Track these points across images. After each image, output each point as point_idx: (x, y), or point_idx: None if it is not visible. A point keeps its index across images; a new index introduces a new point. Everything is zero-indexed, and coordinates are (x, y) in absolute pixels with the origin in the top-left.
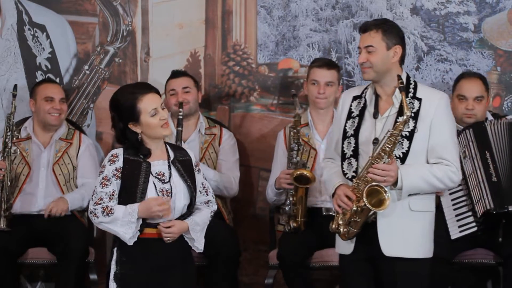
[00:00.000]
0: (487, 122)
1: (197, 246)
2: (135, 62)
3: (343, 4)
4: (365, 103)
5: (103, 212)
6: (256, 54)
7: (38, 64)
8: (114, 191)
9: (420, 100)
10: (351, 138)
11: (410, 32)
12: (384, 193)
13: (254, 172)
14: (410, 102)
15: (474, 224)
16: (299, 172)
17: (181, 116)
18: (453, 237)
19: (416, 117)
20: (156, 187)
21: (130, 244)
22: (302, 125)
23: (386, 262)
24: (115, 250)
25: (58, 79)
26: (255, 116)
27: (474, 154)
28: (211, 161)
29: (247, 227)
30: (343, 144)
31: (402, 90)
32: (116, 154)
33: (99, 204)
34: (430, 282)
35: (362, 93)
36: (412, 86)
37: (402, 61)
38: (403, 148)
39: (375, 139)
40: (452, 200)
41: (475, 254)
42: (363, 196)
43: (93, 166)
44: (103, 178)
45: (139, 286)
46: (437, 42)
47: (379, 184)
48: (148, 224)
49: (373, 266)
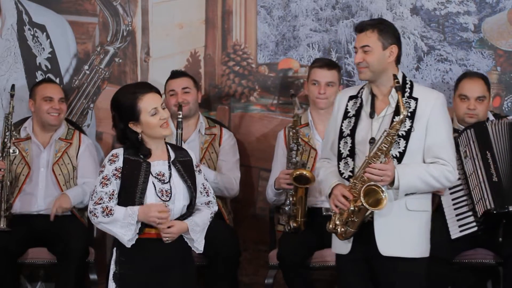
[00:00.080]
0: (488, 122)
1: (196, 247)
2: (135, 62)
3: (343, 4)
4: (361, 103)
5: (103, 212)
6: (256, 54)
7: (38, 64)
8: (114, 191)
9: (416, 99)
10: (348, 138)
11: (410, 32)
12: (381, 192)
13: (254, 172)
14: (406, 102)
15: (475, 224)
16: (299, 172)
17: (180, 118)
18: (453, 236)
19: (412, 116)
20: (155, 188)
21: (128, 246)
22: (302, 125)
23: (383, 262)
24: (115, 250)
25: (58, 79)
26: (255, 116)
27: (475, 154)
28: (211, 161)
29: (247, 227)
30: (340, 144)
31: (398, 89)
32: (116, 154)
33: (99, 204)
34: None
35: (358, 93)
36: (408, 86)
37: (398, 60)
38: (400, 147)
39: (372, 139)
40: (452, 199)
41: (475, 254)
42: (361, 195)
43: (93, 166)
44: (103, 178)
45: (139, 286)
46: (437, 42)
47: (376, 183)
48: (147, 224)
49: (369, 266)
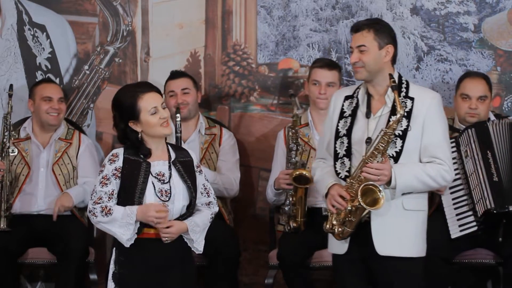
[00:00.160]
0: (489, 122)
1: (196, 247)
2: (135, 62)
3: (343, 4)
4: (357, 103)
5: (102, 211)
6: (256, 54)
7: (38, 64)
8: (113, 191)
9: (412, 99)
10: (344, 138)
11: (410, 32)
12: (378, 192)
13: (254, 172)
14: (402, 102)
15: (475, 223)
16: (298, 172)
17: (179, 121)
18: (453, 236)
19: (409, 116)
20: (155, 187)
21: (127, 246)
22: (302, 125)
23: (380, 262)
24: (114, 250)
25: (58, 79)
26: (255, 116)
27: (475, 153)
28: (211, 161)
29: (247, 227)
30: (336, 144)
31: (395, 89)
32: (116, 153)
33: (98, 203)
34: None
35: (354, 93)
36: (404, 86)
37: (394, 60)
38: (396, 147)
39: (368, 139)
40: (453, 199)
41: (475, 254)
42: (358, 195)
43: (93, 165)
44: (103, 178)
45: (138, 286)
46: (437, 42)
47: (373, 183)
48: (146, 224)
49: (366, 265)
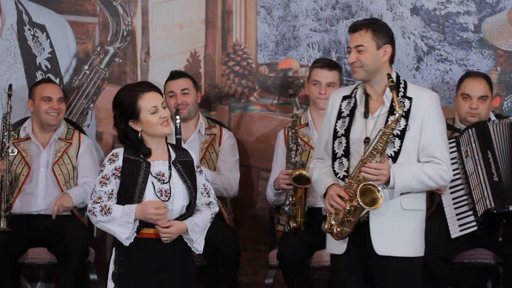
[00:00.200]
0: (490, 122)
1: (196, 247)
2: (135, 62)
3: (343, 4)
4: (355, 103)
5: (101, 211)
6: (256, 54)
7: (38, 64)
8: (113, 190)
9: (410, 99)
10: (342, 137)
11: (410, 32)
12: (377, 192)
13: (254, 172)
14: (400, 101)
15: (475, 223)
16: (298, 172)
17: (178, 122)
18: (453, 236)
19: (407, 116)
20: (154, 187)
21: (126, 244)
22: (302, 125)
23: (379, 261)
24: (114, 250)
25: (58, 79)
26: (255, 116)
27: (476, 153)
28: (211, 161)
29: (247, 227)
30: (334, 144)
31: (393, 88)
32: (116, 153)
33: (98, 203)
34: (430, 282)
35: (352, 93)
36: (402, 85)
37: (392, 60)
38: (395, 147)
39: (367, 139)
40: (453, 199)
41: (475, 254)
42: (357, 195)
43: (93, 165)
44: (103, 177)
45: (137, 285)
46: (437, 42)
47: (372, 183)
48: (145, 224)
49: (365, 265)
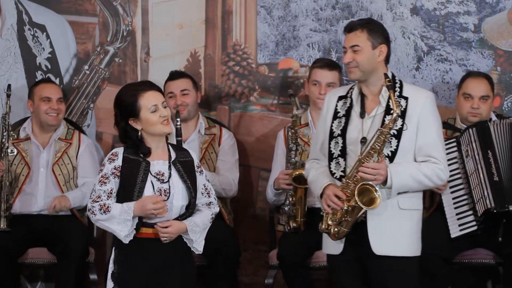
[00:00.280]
0: (491, 122)
1: (196, 248)
2: (135, 62)
3: (343, 4)
4: (351, 103)
5: (100, 209)
6: (256, 54)
7: (38, 64)
8: (112, 189)
9: (406, 98)
10: (339, 138)
11: (410, 32)
12: (374, 192)
13: (254, 172)
14: (397, 101)
15: (474, 223)
16: (298, 172)
17: (178, 125)
18: (453, 235)
19: (403, 115)
20: (154, 187)
21: (125, 242)
22: (302, 125)
23: (376, 261)
24: (113, 250)
25: (58, 79)
26: (255, 116)
27: (476, 153)
28: (211, 161)
29: (247, 227)
30: (330, 144)
31: (390, 88)
32: (116, 152)
33: (97, 202)
34: (430, 282)
35: (348, 93)
36: (398, 85)
37: (388, 60)
38: (392, 146)
39: (363, 139)
40: (453, 198)
41: (475, 254)
42: (355, 194)
43: (93, 165)
44: (102, 176)
45: (137, 285)
46: (437, 42)
47: (370, 182)
48: (144, 223)
49: (362, 265)
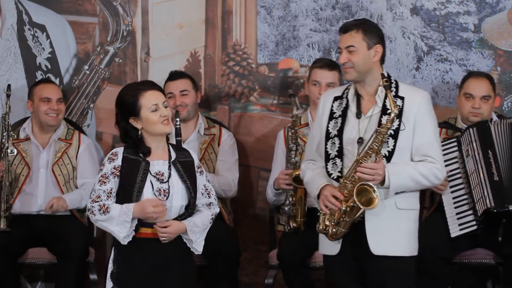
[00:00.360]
0: (491, 122)
1: (195, 248)
2: (135, 62)
3: (343, 4)
4: (347, 103)
5: (100, 210)
6: (256, 54)
7: (38, 64)
8: (112, 189)
9: (402, 98)
10: (335, 138)
11: (410, 32)
12: (373, 192)
13: (254, 172)
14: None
15: (474, 222)
16: (298, 172)
17: (178, 125)
18: (452, 235)
19: (400, 115)
20: (153, 187)
21: (124, 243)
22: (302, 125)
23: (374, 261)
24: (113, 249)
25: (58, 79)
26: (255, 116)
27: (476, 153)
28: (210, 161)
29: (247, 227)
30: (327, 145)
31: (387, 88)
32: (115, 152)
33: (97, 202)
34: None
35: (343, 93)
36: (393, 85)
37: (383, 60)
38: (389, 146)
39: (360, 139)
40: (453, 198)
41: (475, 254)
42: (354, 194)
43: (92, 166)
44: (102, 176)
45: (136, 285)
46: (437, 42)
47: (368, 183)
48: (143, 223)
49: (359, 265)
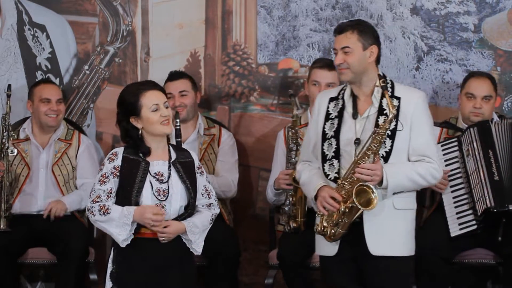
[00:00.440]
0: (492, 122)
1: (195, 248)
2: (135, 62)
3: (343, 4)
4: (343, 104)
5: (100, 210)
6: (256, 54)
7: (38, 64)
8: (111, 189)
9: (398, 98)
10: (332, 139)
11: (410, 32)
12: (371, 193)
13: (254, 172)
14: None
15: (474, 222)
16: None
17: (178, 126)
18: (452, 234)
19: (396, 115)
20: (152, 187)
21: (122, 246)
22: (302, 125)
23: (372, 261)
24: (113, 249)
25: (58, 79)
26: (255, 116)
27: (477, 152)
28: (210, 162)
29: (247, 227)
30: (323, 145)
31: (385, 89)
32: (115, 152)
33: (97, 202)
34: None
35: (339, 94)
36: (389, 85)
37: (378, 61)
38: (386, 147)
39: (357, 139)
40: (453, 198)
41: (475, 254)
42: (353, 195)
43: (92, 166)
44: (102, 176)
45: (135, 285)
46: (437, 42)
47: (367, 183)
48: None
49: (357, 265)
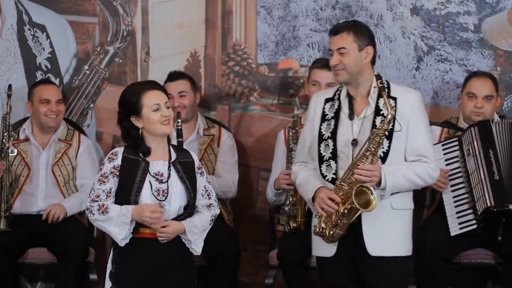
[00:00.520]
0: (493, 122)
1: (194, 249)
2: (135, 62)
3: (343, 4)
4: (339, 105)
5: (99, 210)
6: (256, 54)
7: (38, 64)
8: (111, 189)
9: (395, 99)
10: (329, 140)
11: (410, 32)
12: (370, 194)
13: (254, 172)
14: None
15: (474, 221)
16: None
17: (179, 126)
18: (452, 234)
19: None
20: (152, 187)
21: (121, 245)
22: (302, 125)
23: (370, 262)
24: (112, 249)
25: (58, 79)
26: (255, 116)
27: (477, 152)
28: (210, 162)
29: (247, 227)
30: (320, 147)
31: (382, 90)
32: (115, 152)
33: (96, 201)
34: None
35: (334, 95)
36: (385, 86)
37: (374, 61)
38: (383, 147)
39: (354, 140)
40: (453, 197)
41: (475, 254)
42: (352, 196)
43: (92, 167)
44: (101, 176)
45: (135, 285)
46: (437, 42)
47: (366, 184)
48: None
49: (355, 266)
